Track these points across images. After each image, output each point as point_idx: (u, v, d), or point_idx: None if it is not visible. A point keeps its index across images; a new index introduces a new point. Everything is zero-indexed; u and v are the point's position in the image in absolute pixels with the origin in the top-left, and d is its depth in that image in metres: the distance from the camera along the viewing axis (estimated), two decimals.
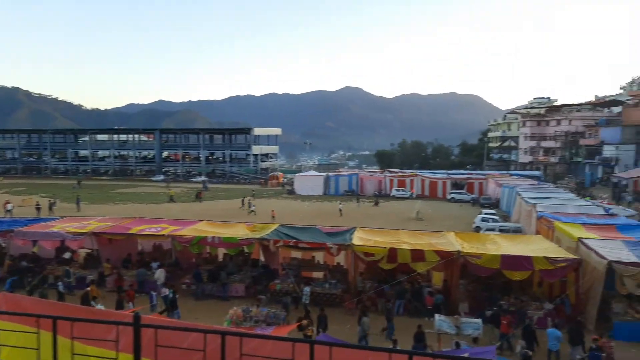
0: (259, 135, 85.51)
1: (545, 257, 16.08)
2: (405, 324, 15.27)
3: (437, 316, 13.38)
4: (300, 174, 66.92)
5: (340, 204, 43.74)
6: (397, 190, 54.66)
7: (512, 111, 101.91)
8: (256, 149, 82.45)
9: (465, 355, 7.70)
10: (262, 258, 21.24)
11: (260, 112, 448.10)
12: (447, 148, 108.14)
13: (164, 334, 3.63)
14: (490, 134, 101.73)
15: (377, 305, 17.50)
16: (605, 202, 35.77)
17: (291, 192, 57.99)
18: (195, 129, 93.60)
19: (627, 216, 27.11)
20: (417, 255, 17.02)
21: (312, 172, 68.09)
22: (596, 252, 16.13)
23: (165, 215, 32.39)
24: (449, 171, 62.78)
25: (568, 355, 13.26)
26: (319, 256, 21.07)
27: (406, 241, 18.13)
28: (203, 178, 73.50)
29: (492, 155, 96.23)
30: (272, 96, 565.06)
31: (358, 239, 18.56)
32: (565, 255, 16.63)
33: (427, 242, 18.12)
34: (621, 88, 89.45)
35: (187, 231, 20.18)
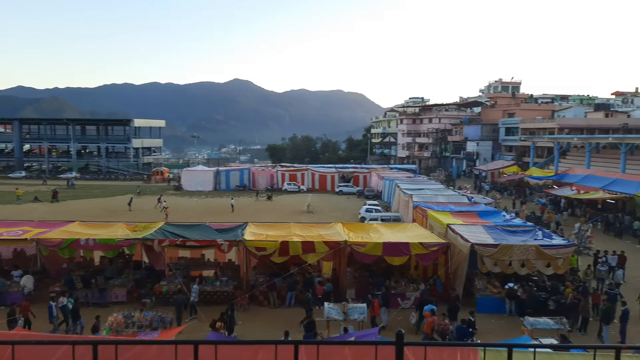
0: (139, 127, 79.50)
1: (421, 243, 17.59)
2: (298, 314, 15.52)
3: (326, 304, 13.84)
4: (188, 168, 63.88)
5: (232, 199, 42.89)
6: (289, 184, 55.27)
7: (392, 109, 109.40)
8: (137, 142, 76.48)
9: (352, 339, 8.07)
10: (145, 259, 19.85)
11: (141, 103, 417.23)
12: (334, 143, 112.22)
13: (23, 350, 3.15)
14: (373, 130, 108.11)
15: (269, 299, 17.52)
16: (469, 192, 40.32)
17: (178, 188, 55.07)
18: (64, 119, 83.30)
19: (486, 204, 30.86)
20: (308, 246, 17.39)
21: (201, 167, 65.33)
22: (461, 236, 18.13)
23: (30, 217, 28.50)
24: (337, 165, 65.34)
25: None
26: (209, 254, 20.38)
27: (297, 234, 18.41)
28: (73, 174, 66.28)
29: (375, 150, 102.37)
30: (153, 86, 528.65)
31: (250, 234, 18.34)
32: (437, 240, 18.38)
33: (317, 234, 18.60)
34: (480, 91, 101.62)
35: (55, 234, 17.99)
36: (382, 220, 30.19)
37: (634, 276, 20.77)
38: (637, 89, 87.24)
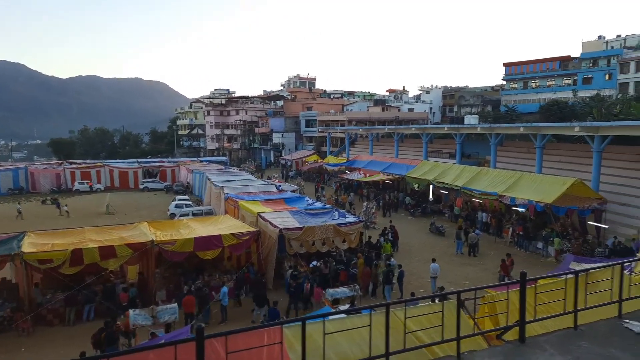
0: None
1: (232, 234, 17.76)
2: (95, 328, 13.90)
3: (131, 312, 12.79)
4: None
5: (18, 204, 36.18)
6: (81, 183, 48.55)
7: (198, 100, 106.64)
8: None
9: (162, 342, 7.67)
10: None
11: None
12: (136, 136, 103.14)
13: None
14: (179, 122, 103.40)
15: (64, 317, 15.22)
16: (277, 181, 42.50)
17: None
18: None
19: (292, 191, 33.02)
20: (107, 252, 15.67)
21: None
22: (271, 223, 19.04)
23: None
24: (140, 160, 60.27)
25: (256, 316, 15.28)
26: None
27: (93, 239, 16.39)
28: None
29: (182, 143, 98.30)
30: None
31: (30, 245, 15.49)
32: (248, 229, 18.83)
33: (117, 237, 16.92)
34: (281, 85, 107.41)
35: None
36: (194, 215, 29.34)
37: (405, 242, 25.31)
38: (404, 87, 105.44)
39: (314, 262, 18.98)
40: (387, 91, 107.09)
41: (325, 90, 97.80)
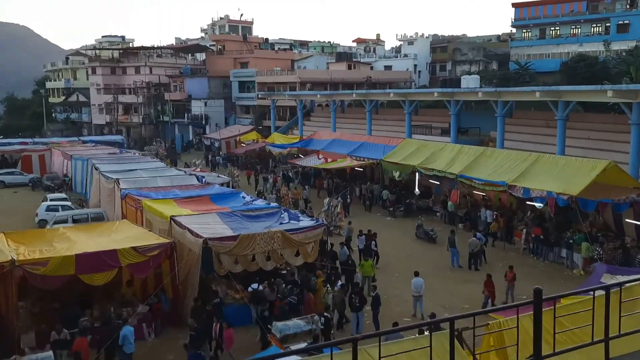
0: None
1: (134, 248, 17.45)
2: None
3: None
4: None
5: None
6: None
7: (77, 52, 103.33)
8: None
9: None
10: None
11: None
12: None
13: None
14: (49, 85, 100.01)
15: None
16: (199, 170, 42.05)
17: None
18: None
19: (221, 184, 32.83)
20: None
21: None
22: (191, 231, 18.85)
23: None
24: None
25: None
26: None
27: None
28: None
29: (55, 115, 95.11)
30: None
31: None
32: (157, 240, 18.58)
33: None
34: (203, 31, 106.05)
35: None
36: (75, 221, 28.77)
37: (384, 253, 25.82)
38: (378, 36, 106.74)
39: (254, 285, 19.01)
40: (354, 41, 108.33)
41: (266, 39, 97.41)
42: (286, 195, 36.17)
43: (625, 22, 65.65)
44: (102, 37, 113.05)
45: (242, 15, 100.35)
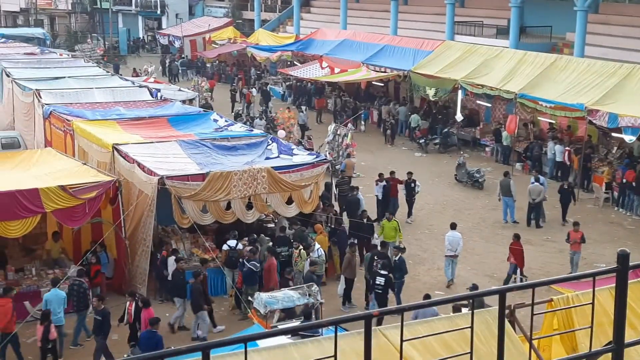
0: None
1: (62, 187, 17.46)
2: None
3: None
4: None
5: None
6: None
7: None
8: None
9: None
10: None
11: None
12: None
13: None
14: None
15: None
16: (153, 80, 41.80)
17: None
18: None
19: (183, 101, 32.72)
20: None
21: None
22: (141, 165, 18.91)
23: None
24: None
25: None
26: None
27: None
28: None
29: None
30: None
31: None
32: (94, 177, 18.62)
33: None
34: None
35: None
36: None
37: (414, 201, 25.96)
38: None
39: (232, 242, 19.15)
40: None
41: None
42: (286, 120, 34.72)
43: None
44: None
45: None
